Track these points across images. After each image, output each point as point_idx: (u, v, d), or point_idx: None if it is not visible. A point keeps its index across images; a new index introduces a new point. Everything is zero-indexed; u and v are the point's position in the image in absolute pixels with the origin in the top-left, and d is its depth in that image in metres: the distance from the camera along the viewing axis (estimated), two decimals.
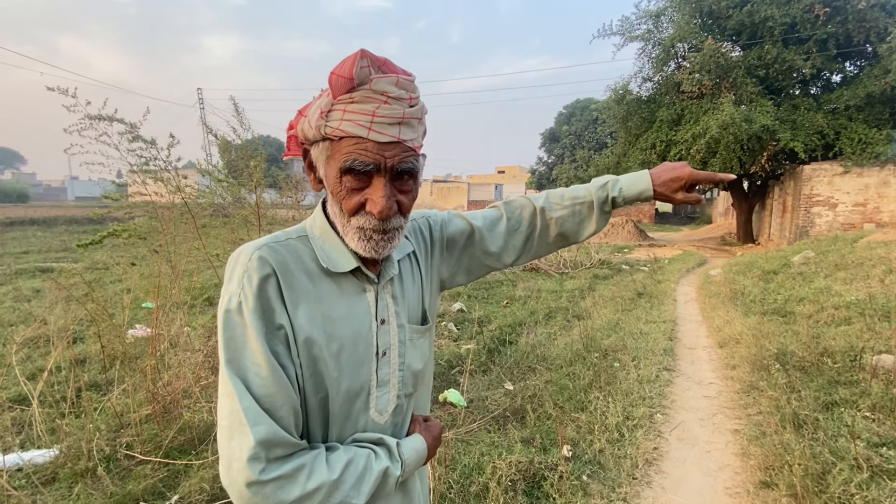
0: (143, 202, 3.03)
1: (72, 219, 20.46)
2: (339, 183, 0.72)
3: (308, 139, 0.75)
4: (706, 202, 34.25)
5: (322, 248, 0.77)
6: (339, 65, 0.68)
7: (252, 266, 0.70)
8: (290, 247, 0.76)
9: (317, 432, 0.76)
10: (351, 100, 0.68)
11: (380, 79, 0.68)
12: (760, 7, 12.64)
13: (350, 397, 0.77)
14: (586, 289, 7.46)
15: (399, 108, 0.69)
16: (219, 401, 0.69)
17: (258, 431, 0.65)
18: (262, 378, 0.67)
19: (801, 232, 12.25)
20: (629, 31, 15.10)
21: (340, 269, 0.76)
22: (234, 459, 0.65)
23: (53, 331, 3.21)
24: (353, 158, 0.69)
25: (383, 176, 0.71)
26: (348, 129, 0.68)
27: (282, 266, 0.72)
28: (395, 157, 0.70)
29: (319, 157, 0.74)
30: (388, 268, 0.83)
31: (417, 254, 0.93)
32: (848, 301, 5.03)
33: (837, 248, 8.08)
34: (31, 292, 6.79)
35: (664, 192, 0.98)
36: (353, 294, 0.78)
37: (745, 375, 3.68)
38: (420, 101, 0.74)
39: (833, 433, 2.67)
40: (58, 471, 2.45)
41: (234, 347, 0.68)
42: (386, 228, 0.73)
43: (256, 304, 0.69)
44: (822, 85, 14.26)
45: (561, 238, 1.04)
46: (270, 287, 0.70)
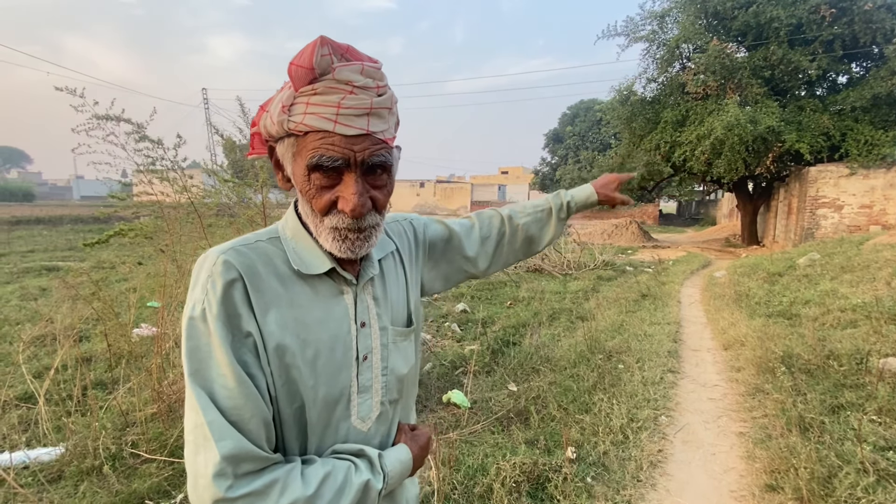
0: (148, 202, 3.04)
1: (77, 218, 20.59)
2: (308, 181, 0.67)
3: (272, 136, 0.70)
4: (711, 203, 34.12)
5: (294, 249, 0.73)
6: (298, 54, 0.64)
7: (216, 271, 0.66)
8: (260, 249, 0.72)
9: (293, 444, 0.72)
10: (314, 91, 0.64)
11: (343, 67, 0.64)
12: (766, 8, 12.59)
13: (328, 405, 0.72)
14: (590, 290, 7.45)
15: (366, 98, 0.65)
16: (185, 414, 0.65)
17: (224, 446, 0.61)
18: (229, 389, 0.63)
19: (807, 234, 12.18)
20: (634, 31, 15.06)
21: (314, 271, 0.72)
22: (199, 476, 0.61)
23: (60, 329, 3.22)
24: (319, 154, 0.64)
25: (354, 171, 0.66)
26: (312, 122, 0.64)
27: (249, 270, 0.68)
28: (365, 150, 0.66)
29: (285, 154, 0.70)
30: (368, 268, 0.79)
31: (402, 253, 0.90)
32: (854, 304, 5.00)
33: (843, 251, 8.03)
34: (37, 291, 6.83)
35: (605, 193, 1.18)
36: (329, 297, 0.74)
37: (750, 378, 3.67)
38: (389, 89, 0.69)
39: (839, 437, 2.65)
40: (64, 469, 2.46)
41: (199, 358, 0.64)
42: (361, 227, 0.69)
43: (221, 310, 0.64)
44: (828, 86, 14.18)
45: (526, 243, 1.13)
46: (236, 292, 0.66)
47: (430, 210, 38.03)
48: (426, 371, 3.79)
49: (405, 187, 39.89)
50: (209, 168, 2.98)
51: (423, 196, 39.40)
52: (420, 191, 39.63)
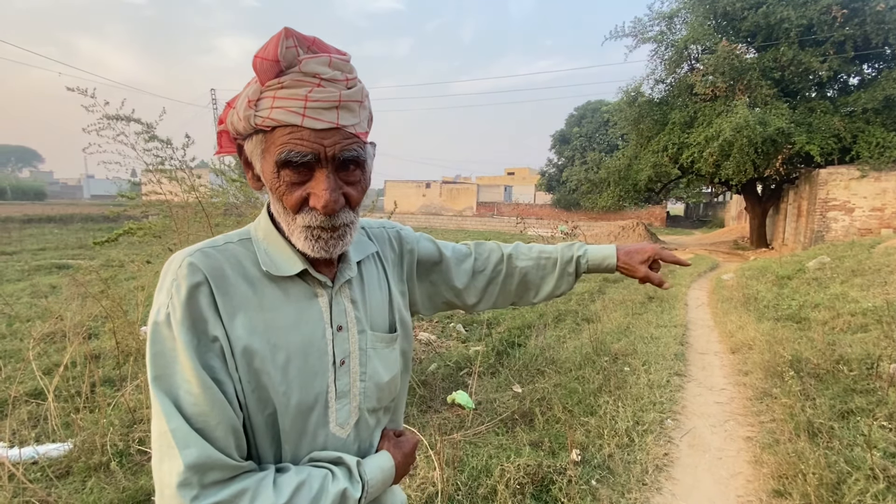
0: (157, 201, 3.07)
1: (87, 216, 20.84)
2: (278, 178, 0.65)
3: (240, 133, 0.68)
4: (719, 205, 33.85)
5: (265, 250, 0.71)
6: (262, 47, 0.62)
7: (181, 274, 0.64)
8: (228, 251, 0.70)
9: (267, 452, 0.69)
10: (280, 85, 0.62)
11: (310, 59, 0.62)
12: (776, 8, 12.47)
13: (303, 412, 0.70)
14: (596, 292, 7.41)
15: (335, 91, 0.63)
16: (151, 422, 0.63)
17: (188, 454, 0.58)
18: (194, 395, 0.61)
19: (817, 237, 12.04)
20: (642, 32, 14.99)
21: (284, 273, 0.70)
22: (164, 486, 0.59)
23: (69, 327, 3.27)
24: (288, 150, 0.62)
25: (325, 167, 0.64)
26: (280, 116, 0.62)
27: (216, 272, 0.66)
28: (335, 144, 0.64)
29: (254, 151, 0.68)
30: (345, 269, 0.76)
31: (384, 259, 0.87)
32: (865, 308, 4.93)
33: (854, 254, 7.93)
34: (47, 288, 6.92)
35: (628, 263, 1.01)
36: (301, 300, 0.72)
37: (757, 382, 3.63)
38: (359, 82, 0.67)
39: (849, 442, 2.62)
40: (72, 464, 2.49)
41: (163, 363, 0.62)
42: (335, 225, 0.67)
43: (186, 315, 0.62)
44: (840, 87, 14.03)
45: (522, 288, 1.03)
46: (202, 296, 0.64)
47: (435, 211, 38.04)
48: (431, 371, 3.79)
49: (411, 188, 39.95)
50: (217, 168, 3.00)
51: (428, 197, 39.41)
52: (426, 191, 39.66)
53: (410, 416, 3.04)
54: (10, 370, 3.70)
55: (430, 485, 2.26)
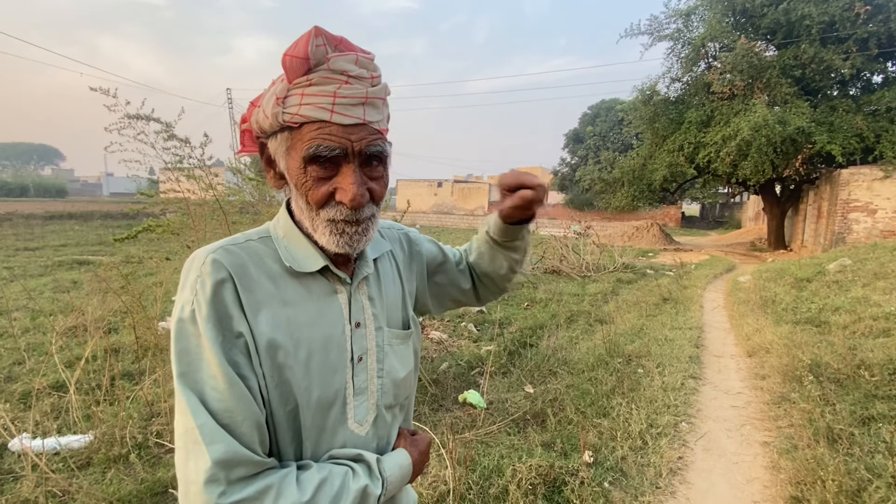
0: (176, 199, 3.12)
1: (107, 214, 21.30)
2: (304, 173, 0.66)
3: (264, 131, 0.69)
4: (735, 206, 33.26)
5: (286, 248, 0.72)
6: (292, 45, 0.63)
7: (206, 271, 0.64)
8: (250, 248, 0.70)
9: (288, 448, 0.69)
10: (309, 82, 0.63)
11: (338, 57, 0.63)
12: (797, 5, 12.19)
13: (323, 407, 0.70)
14: (609, 293, 7.35)
15: (361, 88, 0.64)
16: (175, 419, 0.63)
17: (215, 450, 0.58)
18: (219, 391, 0.61)
19: (838, 238, 11.76)
20: (658, 30, 14.79)
21: (306, 269, 0.71)
22: (190, 483, 0.59)
23: (90, 321, 3.35)
24: (317, 144, 0.63)
25: (352, 162, 0.65)
26: (308, 113, 0.63)
27: (239, 269, 0.66)
28: (362, 140, 0.65)
29: (279, 149, 0.68)
30: (363, 266, 0.77)
31: (397, 256, 0.89)
32: (887, 312, 4.81)
33: (877, 256, 7.72)
34: (69, 283, 7.09)
35: (506, 206, 0.92)
36: (322, 296, 0.72)
37: (775, 386, 3.56)
38: (382, 80, 0.68)
39: (869, 449, 2.56)
40: (92, 456, 2.55)
41: (188, 360, 0.62)
42: (359, 219, 0.68)
43: (211, 311, 0.62)
44: (862, 86, 13.67)
45: (487, 278, 1.02)
46: (226, 292, 0.64)
47: (447, 210, 38.03)
48: (442, 370, 3.79)
49: (423, 187, 39.99)
50: (234, 167, 3.04)
51: (440, 196, 39.41)
52: (437, 190, 39.66)
53: (422, 415, 3.05)
54: (34, 363, 3.80)
55: (442, 483, 2.26)
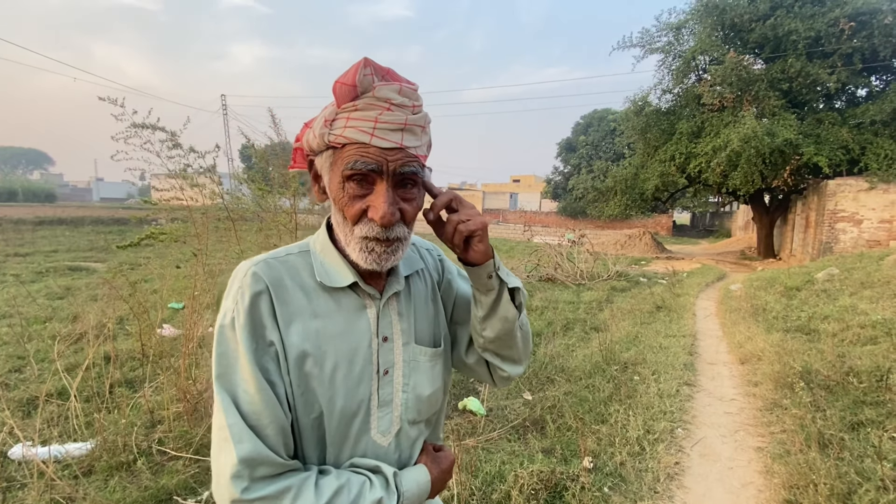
0: (178, 206, 3.15)
1: (98, 219, 21.07)
2: (342, 190, 0.71)
3: (313, 149, 0.75)
4: (725, 215, 33.72)
5: (321, 262, 0.77)
6: (343, 74, 0.69)
7: (246, 283, 0.70)
8: (289, 262, 0.76)
9: (312, 453, 0.74)
10: (354, 107, 0.68)
11: (383, 86, 0.68)
12: (784, 20, 12.54)
13: (346, 417, 0.74)
14: (604, 301, 7.43)
15: (401, 115, 0.69)
16: (213, 415, 0.69)
17: (241, 449, 0.64)
18: (250, 395, 0.67)
19: (825, 248, 12.00)
20: (649, 43, 15.09)
21: (337, 284, 0.75)
22: (220, 475, 0.65)
23: (90, 328, 3.35)
24: (354, 160, 0.68)
25: (385, 181, 0.69)
26: (351, 135, 0.68)
27: (276, 282, 0.72)
28: (397, 161, 0.69)
29: (324, 165, 0.74)
30: (393, 283, 0.81)
31: (432, 276, 0.91)
32: (874, 320, 4.93)
33: (863, 266, 7.91)
34: (62, 290, 7.03)
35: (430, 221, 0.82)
36: (352, 310, 0.77)
37: (767, 393, 3.64)
38: (423, 110, 0.73)
39: (859, 453, 2.63)
40: (94, 463, 2.55)
41: (226, 363, 0.68)
42: (389, 237, 0.71)
43: (247, 320, 0.69)
44: (848, 99, 14.04)
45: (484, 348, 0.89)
46: (263, 303, 0.70)
47: None
48: None
49: None
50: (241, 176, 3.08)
51: None
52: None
53: None
54: (32, 371, 3.78)
55: (446, 489, 2.30)
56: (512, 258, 11.10)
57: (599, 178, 21.08)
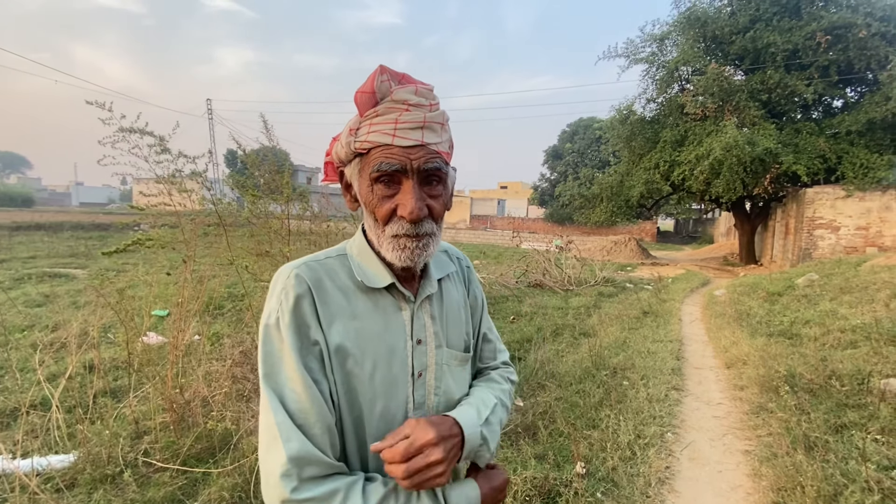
0: (167, 211, 3.10)
1: (77, 224, 20.57)
2: (371, 192, 0.74)
3: (342, 160, 0.78)
4: (708, 221, 34.34)
5: (359, 264, 0.79)
6: (362, 84, 0.72)
7: (290, 284, 0.73)
8: (328, 265, 0.78)
9: (354, 457, 0.75)
10: (375, 113, 0.72)
11: (400, 89, 0.72)
12: (763, 33, 12.94)
13: (386, 419, 0.75)
14: (592, 306, 7.50)
15: (419, 114, 0.72)
16: (259, 414, 0.70)
17: (290, 447, 0.65)
18: (297, 393, 0.68)
19: (804, 254, 12.31)
20: (634, 53, 15.41)
21: (375, 285, 0.77)
22: (269, 473, 0.66)
23: (72, 336, 3.26)
24: (380, 162, 0.71)
25: (411, 178, 0.72)
26: (374, 138, 0.71)
27: (317, 284, 0.74)
28: (420, 158, 0.72)
29: (353, 173, 0.77)
30: (427, 285, 0.82)
31: (459, 280, 0.93)
32: (854, 324, 5.07)
33: (842, 272, 8.12)
34: (41, 297, 6.83)
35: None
36: (388, 311, 0.78)
37: (753, 397, 3.71)
38: (440, 107, 0.76)
39: (843, 456, 2.69)
40: (77, 476, 2.48)
41: (272, 362, 0.70)
42: (419, 233, 0.74)
43: (292, 320, 0.71)
44: (824, 110, 14.48)
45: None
46: (306, 304, 0.72)
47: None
48: None
49: None
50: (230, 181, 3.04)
51: None
52: None
53: None
54: (9, 380, 3.66)
55: None
56: (500, 264, 11.15)
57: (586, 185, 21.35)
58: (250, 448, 2.60)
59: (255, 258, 2.77)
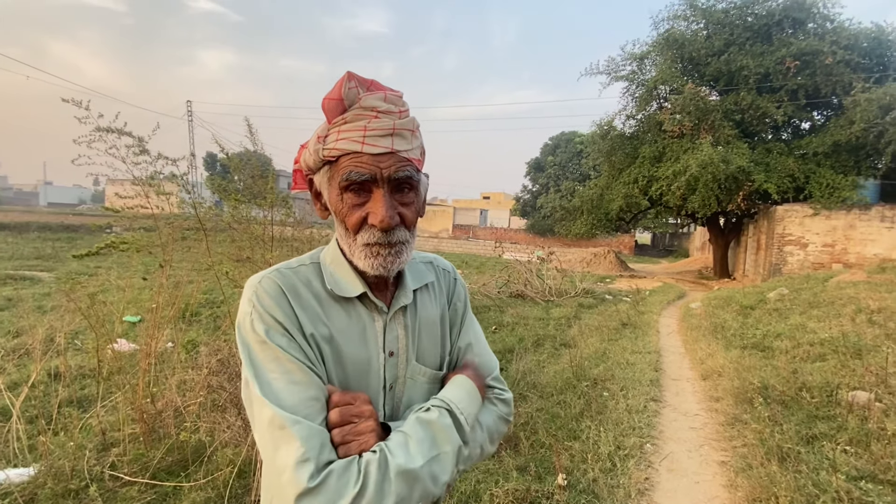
0: (144, 214, 3.01)
1: (45, 225, 19.78)
2: (341, 201, 0.72)
3: (311, 168, 0.76)
4: (684, 235, 35.24)
5: (332, 273, 0.77)
6: (329, 91, 0.71)
7: (262, 287, 0.72)
8: (301, 272, 0.77)
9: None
10: (344, 120, 0.70)
11: (368, 96, 0.71)
12: (736, 57, 13.51)
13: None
14: (572, 317, 7.57)
15: (389, 121, 0.70)
16: (255, 418, 0.67)
17: (302, 433, 0.63)
18: (289, 385, 0.67)
19: (775, 269, 12.73)
20: (615, 71, 15.83)
21: (346, 294, 0.76)
22: (283, 468, 0.62)
23: (36, 341, 3.11)
24: (349, 171, 0.70)
25: (382, 187, 0.71)
26: (343, 146, 0.70)
27: (292, 289, 0.73)
28: (390, 167, 0.70)
29: (322, 181, 0.75)
30: (401, 296, 0.80)
31: (442, 293, 0.90)
32: (822, 338, 5.24)
33: (810, 287, 8.42)
34: (2, 301, 6.52)
35: None
36: (361, 322, 0.77)
37: (728, 408, 3.78)
38: (410, 114, 0.74)
39: (815, 466, 2.76)
40: (37, 491, 2.35)
41: (258, 361, 0.68)
42: (391, 241, 0.72)
43: (272, 318, 0.69)
44: (793, 131, 15.14)
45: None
46: (283, 302, 0.71)
47: None
48: None
49: None
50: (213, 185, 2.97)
51: None
52: None
53: None
54: None
55: None
56: (483, 274, 11.18)
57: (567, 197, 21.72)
58: (224, 460, 2.51)
59: (235, 264, 2.70)
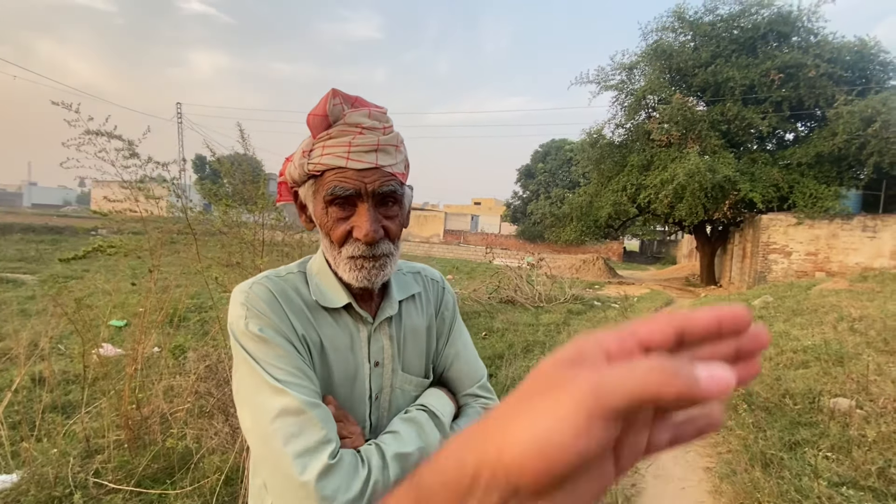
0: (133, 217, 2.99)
1: (29, 227, 19.40)
2: (326, 214, 0.74)
3: (296, 181, 0.77)
4: (671, 243, 35.70)
5: (317, 283, 0.78)
6: (314, 107, 0.72)
7: (254, 292, 0.73)
8: (289, 280, 0.78)
9: None
10: (329, 136, 0.72)
11: (353, 112, 0.72)
12: (723, 68, 13.82)
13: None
14: (562, 323, 7.62)
15: (373, 137, 0.72)
16: (251, 418, 0.66)
17: (320, 413, 0.67)
18: (290, 380, 0.68)
19: (759, 277, 12.95)
20: (604, 80, 16.07)
21: (331, 305, 0.77)
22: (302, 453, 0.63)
23: (20, 346, 3.05)
24: (334, 186, 0.71)
25: (366, 201, 0.72)
26: (328, 161, 0.71)
27: (283, 294, 0.75)
28: (375, 181, 0.72)
29: (307, 195, 0.77)
30: (386, 307, 0.81)
31: (429, 304, 0.90)
32: (805, 345, 5.34)
33: (793, 295, 8.59)
34: None
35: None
36: (347, 332, 0.78)
37: None
38: (394, 130, 0.76)
39: (797, 472, 2.81)
40: (20, 498, 2.30)
41: (259, 357, 0.69)
42: (376, 254, 0.73)
43: (265, 321, 0.71)
44: (778, 142, 15.49)
45: None
46: (275, 305, 0.73)
47: (402, 237, 37.89)
48: None
49: None
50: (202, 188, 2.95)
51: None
52: None
53: None
54: None
55: None
56: (473, 279, 11.21)
57: (557, 204, 21.92)
58: (212, 468, 2.49)
59: (225, 269, 2.69)
